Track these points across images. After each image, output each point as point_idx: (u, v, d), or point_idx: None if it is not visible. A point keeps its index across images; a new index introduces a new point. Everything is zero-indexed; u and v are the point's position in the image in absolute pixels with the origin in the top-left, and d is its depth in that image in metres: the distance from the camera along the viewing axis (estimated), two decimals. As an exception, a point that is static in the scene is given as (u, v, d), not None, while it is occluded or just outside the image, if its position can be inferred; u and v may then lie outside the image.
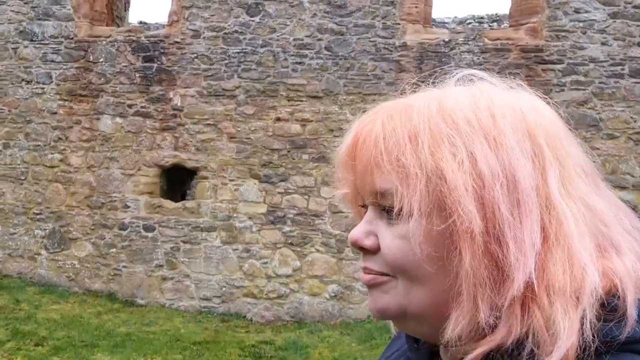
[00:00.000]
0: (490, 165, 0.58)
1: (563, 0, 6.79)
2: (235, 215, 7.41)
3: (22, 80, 7.90)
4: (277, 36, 7.37)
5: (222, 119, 7.46)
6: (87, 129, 7.71)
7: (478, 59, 6.84)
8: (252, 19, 7.43)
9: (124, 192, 7.60)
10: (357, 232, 0.66)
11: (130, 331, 6.39)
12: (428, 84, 0.69)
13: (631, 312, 0.57)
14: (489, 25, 14.68)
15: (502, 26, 14.75)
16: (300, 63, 7.32)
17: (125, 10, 9.05)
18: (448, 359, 0.67)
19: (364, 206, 0.69)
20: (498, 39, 6.87)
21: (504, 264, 0.57)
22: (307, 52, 7.31)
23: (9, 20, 7.98)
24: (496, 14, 14.92)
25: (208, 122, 7.49)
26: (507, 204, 0.58)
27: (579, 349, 0.55)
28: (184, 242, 7.47)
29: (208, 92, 7.48)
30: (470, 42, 6.91)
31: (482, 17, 14.75)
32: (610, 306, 0.57)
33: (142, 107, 7.59)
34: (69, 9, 7.82)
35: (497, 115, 0.61)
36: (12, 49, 7.96)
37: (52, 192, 7.78)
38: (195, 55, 7.50)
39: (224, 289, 7.38)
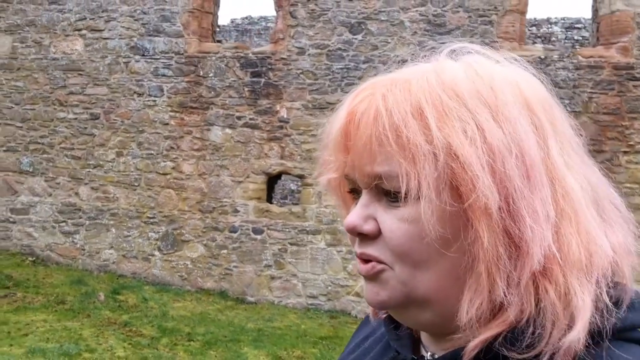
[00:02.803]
0: (499, 138, 0.56)
1: (652, 20, 7.32)
2: (338, 219, 7.99)
3: (134, 92, 8.46)
4: (379, 53, 7.91)
5: (326, 129, 8.01)
6: (197, 139, 8.28)
7: (572, 75, 7.37)
8: (355, 37, 7.96)
9: (234, 197, 8.18)
10: (355, 217, 0.61)
11: (259, 327, 7.00)
12: (417, 58, 0.68)
13: (630, 294, 0.57)
14: (528, 30, 15.20)
15: (547, 29, 15.23)
16: (401, 78, 7.85)
17: (217, 25, 9.58)
18: (434, 347, 0.65)
19: (353, 192, 0.66)
20: (591, 56, 7.40)
21: (520, 239, 0.55)
22: (407, 67, 7.84)
23: (120, 35, 8.53)
24: (535, 19, 15.46)
25: (312, 133, 8.04)
26: (520, 177, 0.56)
27: (594, 330, 0.54)
28: (291, 244, 8.07)
29: (313, 105, 8.04)
30: (565, 60, 7.45)
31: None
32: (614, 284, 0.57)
33: (250, 119, 8.15)
34: (179, 26, 8.36)
35: (496, 87, 0.59)
36: (124, 63, 8.51)
37: (165, 198, 8.37)
38: (300, 71, 8.05)
39: (329, 287, 7.98)
